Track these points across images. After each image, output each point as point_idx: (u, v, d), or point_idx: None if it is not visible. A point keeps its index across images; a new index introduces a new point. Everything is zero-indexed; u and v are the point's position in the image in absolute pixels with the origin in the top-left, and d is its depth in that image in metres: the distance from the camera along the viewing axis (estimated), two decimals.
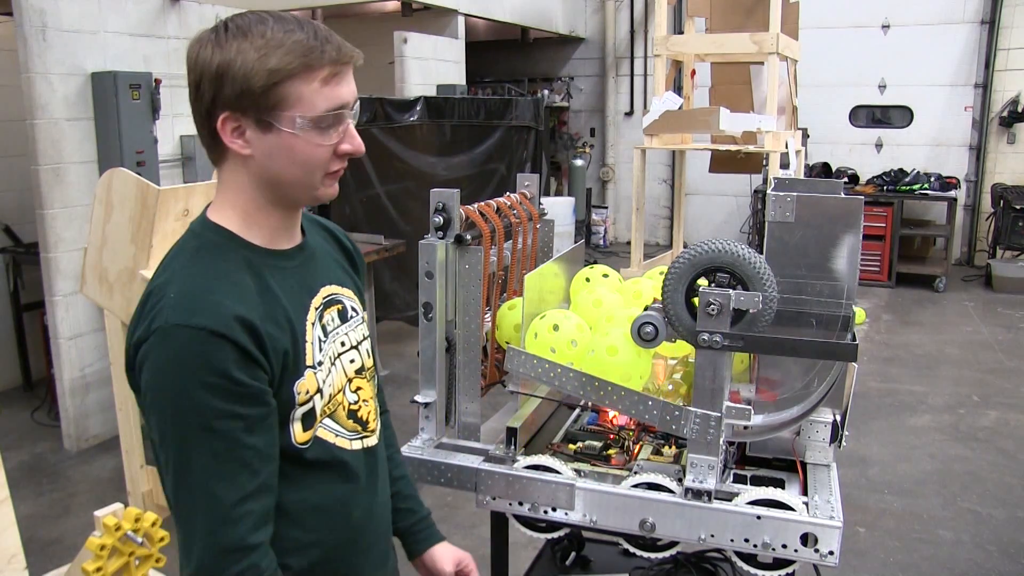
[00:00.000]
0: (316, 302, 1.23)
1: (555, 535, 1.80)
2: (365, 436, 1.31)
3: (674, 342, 1.66)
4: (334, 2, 7.12)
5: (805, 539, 1.53)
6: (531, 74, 10.43)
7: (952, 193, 8.11)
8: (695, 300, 1.53)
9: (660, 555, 1.71)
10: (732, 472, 1.74)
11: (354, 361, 1.30)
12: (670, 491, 1.60)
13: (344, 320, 1.28)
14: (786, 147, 4.87)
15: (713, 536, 1.58)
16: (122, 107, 4.21)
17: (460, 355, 1.85)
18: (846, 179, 8.34)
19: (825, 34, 8.57)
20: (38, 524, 3.65)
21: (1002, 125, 8.44)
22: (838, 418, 1.72)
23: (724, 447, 1.61)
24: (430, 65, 6.84)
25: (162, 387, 1.07)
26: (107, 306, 3.36)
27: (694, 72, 5.49)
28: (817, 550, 1.52)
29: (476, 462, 1.75)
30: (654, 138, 4.97)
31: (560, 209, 6.90)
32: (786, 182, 1.88)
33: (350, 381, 1.29)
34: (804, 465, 1.75)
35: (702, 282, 1.56)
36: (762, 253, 1.63)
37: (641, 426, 1.88)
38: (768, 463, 1.79)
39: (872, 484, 4.01)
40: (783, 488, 1.67)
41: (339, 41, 1.13)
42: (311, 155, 1.13)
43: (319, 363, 1.20)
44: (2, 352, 5.19)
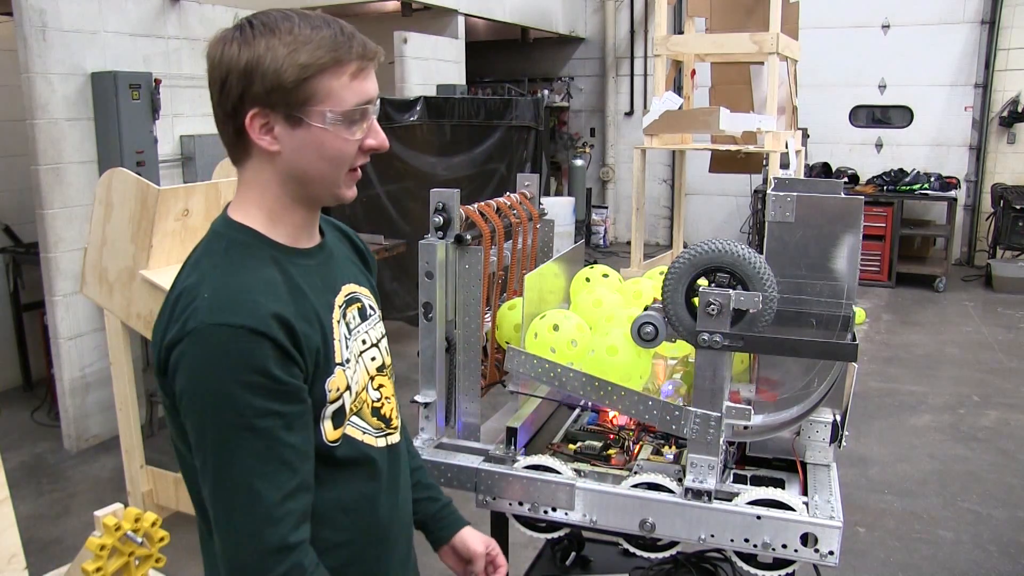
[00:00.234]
0: (339, 300, 1.24)
1: (555, 535, 1.80)
2: (389, 433, 1.32)
3: (674, 342, 1.66)
4: (334, 2, 7.12)
5: (805, 539, 1.53)
6: (531, 74, 10.43)
7: (952, 193, 8.10)
8: (695, 300, 1.53)
9: (660, 555, 1.71)
10: (732, 472, 1.74)
11: (375, 359, 1.31)
12: (670, 491, 1.60)
13: (364, 318, 1.29)
14: (786, 147, 4.87)
15: (713, 536, 1.58)
16: (122, 107, 4.21)
17: (460, 355, 1.85)
18: (846, 179, 8.33)
19: (825, 34, 8.57)
20: (38, 524, 3.65)
21: (1002, 125, 8.44)
22: (838, 418, 1.72)
23: (724, 447, 1.61)
24: (430, 65, 6.85)
25: (201, 388, 1.06)
26: (107, 306, 3.36)
27: (694, 72, 5.49)
28: (817, 550, 1.52)
29: (476, 462, 1.75)
30: (654, 138, 4.98)
31: (560, 209, 6.89)
32: (786, 182, 1.88)
33: (372, 379, 1.29)
34: (804, 465, 1.75)
35: (702, 282, 1.56)
36: (762, 253, 1.63)
37: (641, 426, 1.88)
38: (768, 463, 1.79)
39: (872, 484, 4.01)
40: (783, 488, 1.67)
41: (363, 38, 1.15)
42: (339, 150, 1.14)
43: (347, 360, 1.21)
44: (2, 352, 5.19)
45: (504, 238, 1.95)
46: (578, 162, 9.60)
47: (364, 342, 1.28)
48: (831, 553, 1.52)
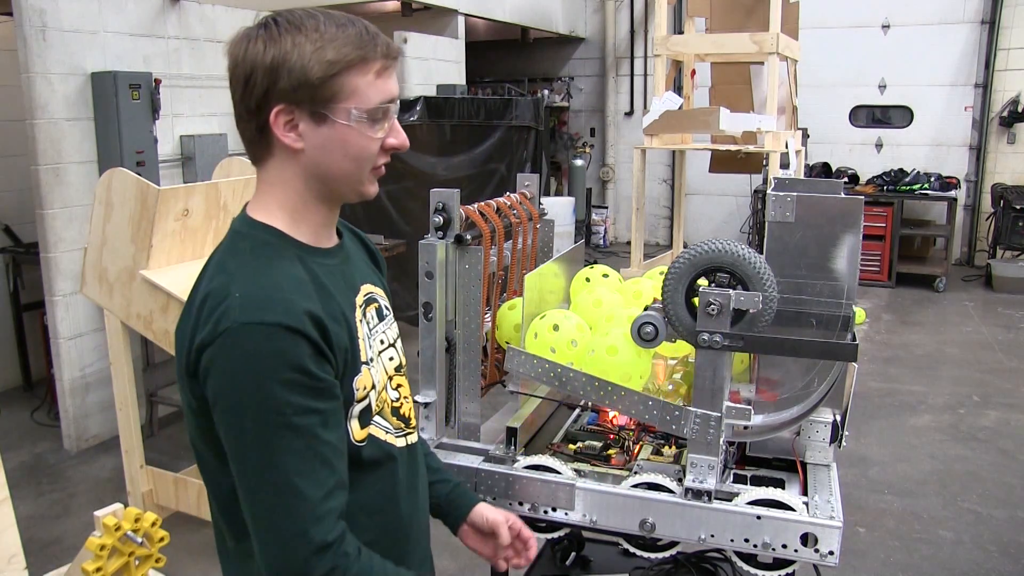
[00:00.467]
0: (359, 300, 1.24)
1: (555, 535, 1.80)
2: (408, 433, 1.32)
3: (674, 342, 1.66)
4: (334, 2, 7.12)
5: (805, 539, 1.53)
6: (531, 74, 10.43)
7: (952, 193, 8.10)
8: (695, 300, 1.53)
9: (660, 555, 1.71)
10: (732, 472, 1.74)
11: (393, 359, 1.31)
12: (670, 491, 1.60)
13: (381, 318, 1.29)
14: (786, 147, 4.87)
15: (713, 536, 1.57)
16: (122, 107, 4.21)
17: (460, 355, 1.85)
18: (846, 179, 8.33)
19: (825, 34, 8.57)
20: (38, 524, 3.65)
21: (1002, 125, 8.44)
22: (838, 418, 1.72)
23: (724, 447, 1.61)
24: (430, 65, 6.84)
25: (238, 388, 1.05)
26: (107, 306, 3.36)
27: (694, 72, 5.49)
28: (817, 550, 1.52)
29: (476, 462, 1.75)
30: (654, 138, 4.98)
31: (560, 209, 6.89)
32: (786, 182, 1.88)
33: (391, 379, 1.30)
34: (804, 465, 1.75)
35: (702, 282, 1.56)
36: (762, 253, 1.63)
37: (641, 426, 1.88)
38: (768, 463, 1.79)
39: (872, 484, 4.01)
40: (783, 488, 1.67)
41: (386, 37, 1.15)
42: (363, 148, 1.14)
43: (370, 359, 1.21)
44: (2, 352, 5.19)
45: (504, 238, 1.95)
46: (578, 162, 9.60)
47: (383, 342, 1.28)
48: (831, 553, 1.52)
